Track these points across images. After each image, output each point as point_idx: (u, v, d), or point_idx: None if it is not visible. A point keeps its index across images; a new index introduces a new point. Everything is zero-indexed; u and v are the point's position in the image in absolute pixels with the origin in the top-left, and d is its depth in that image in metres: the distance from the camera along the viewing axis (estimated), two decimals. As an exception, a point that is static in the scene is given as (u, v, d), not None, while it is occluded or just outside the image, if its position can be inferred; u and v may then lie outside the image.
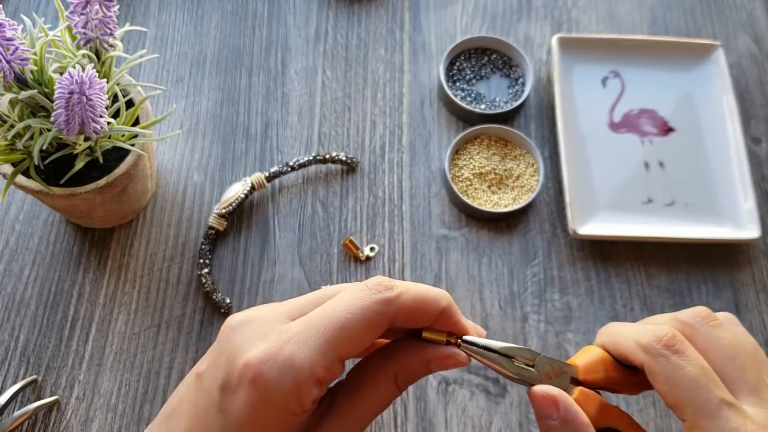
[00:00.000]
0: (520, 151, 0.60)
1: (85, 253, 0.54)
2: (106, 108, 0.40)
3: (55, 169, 0.46)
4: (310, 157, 0.57)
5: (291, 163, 0.57)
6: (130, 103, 0.49)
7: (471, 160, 0.59)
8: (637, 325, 0.31)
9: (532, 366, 0.30)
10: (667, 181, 0.60)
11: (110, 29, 0.42)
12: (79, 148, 0.43)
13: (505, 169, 0.59)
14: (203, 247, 0.54)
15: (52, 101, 0.39)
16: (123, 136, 0.45)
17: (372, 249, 0.55)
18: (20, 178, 0.45)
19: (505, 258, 0.56)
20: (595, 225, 0.57)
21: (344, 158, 0.58)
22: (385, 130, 0.61)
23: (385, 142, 0.60)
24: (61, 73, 0.41)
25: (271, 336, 0.27)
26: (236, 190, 0.55)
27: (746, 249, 0.58)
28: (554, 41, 0.62)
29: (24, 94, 0.40)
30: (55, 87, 0.38)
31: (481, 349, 0.30)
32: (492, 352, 0.30)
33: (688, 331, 0.30)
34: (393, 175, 0.59)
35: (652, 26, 0.68)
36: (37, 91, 0.40)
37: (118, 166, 0.46)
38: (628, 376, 0.31)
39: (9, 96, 0.40)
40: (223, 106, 0.61)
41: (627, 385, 0.31)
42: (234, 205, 0.54)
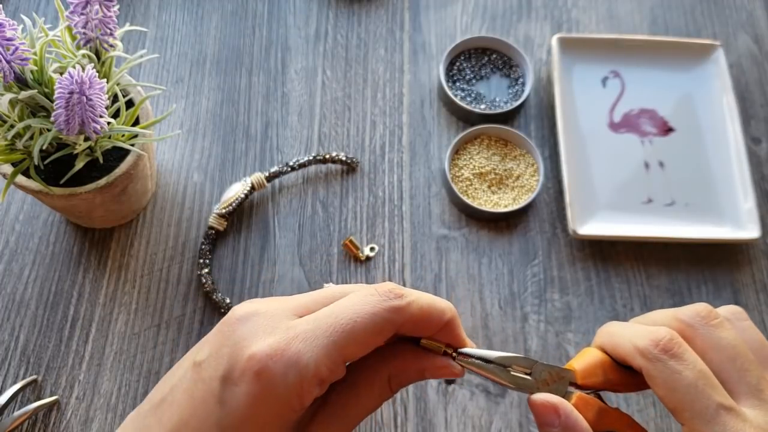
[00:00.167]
0: (520, 151, 0.60)
1: (85, 253, 0.54)
2: (106, 108, 0.40)
3: (55, 169, 0.46)
4: (310, 157, 0.57)
5: (291, 163, 0.57)
6: (130, 103, 0.49)
7: (471, 160, 0.59)
8: (635, 326, 0.31)
9: (529, 374, 0.30)
10: (667, 181, 0.60)
11: (110, 29, 0.42)
12: (79, 148, 0.43)
13: (505, 169, 0.59)
14: (203, 247, 0.54)
15: (52, 101, 0.39)
16: (123, 136, 0.45)
17: (372, 249, 0.55)
18: (20, 178, 0.45)
19: (505, 258, 0.56)
20: (595, 225, 0.57)
21: (344, 158, 0.58)
22: (385, 130, 0.61)
23: (385, 142, 0.60)
24: (61, 73, 0.41)
25: (278, 331, 0.27)
26: (236, 190, 0.55)
27: (746, 249, 0.58)
28: (554, 41, 0.62)
29: (24, 94, 0.40)
30: (55, 87, 0.38)
31: (476, 360, 0.30)
32: (487, 363, 0.30)
33: (688, 331, 0.30)
34: (393, 175, 0.59)
35: (652, 26, 0.68)
36: (37, 91, 0.40)
37: (118, 166, 0.46)
38: (628, 376, 0.31)
39: (9, 96, 0.40)
40: (223, 106, 0.61)
41: (627, 385, 0.31)
42: (234, 205, 0.54)
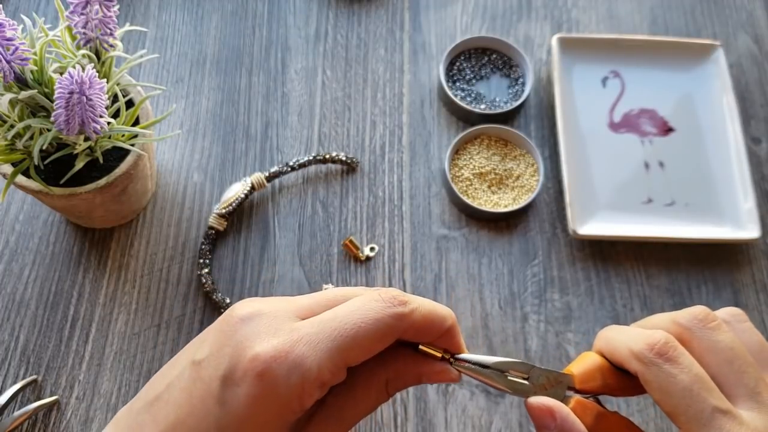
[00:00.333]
0: (520, 151, 0.60)
1: (85, 253, 0.54)
2: (106, 108, 0.40)
3: (55, 169, 0.46)
4: (310, 157, 0.57)
5: (291, 163, 0.57)
6: (130, 103, 0.49)
7: (471, 160, 0.59)
8: (631, 330, 0.31)
9: (527, 378, 0.30)
10: (667, 181, 0.60)
11: (110, 29, 0.42)
12: (79, 148, 0.43)
13: (505, 169, 0.59)
14: (203, 247, 0.54)
15: (52, 101, 0.39)
16: (123, 136, 0.45)
17: (372, 249, 0.55)
18: (20, 178, 0.45)
19: (505, 258, 0.56)
20: (595, 225, 0.57)
21: (344, 158, 0.58)
22: (385, 130, 0.61)
23: (385, 142, 0.60)
24: (61, 73, 0.41)
25: (282, 333, 0.27)
26: (236, 190, 0.55)
27: (746, 249, 0.58)
28: (554, 41, 0.62)
29: (24, 94, 0.40)
30: (55, 87, 0.38)
31: (473, 365, 0.30)
32: (485, 368, 0.30)
33: (685, 334, 0.30)
34: (393, 175, 0.59)
35: (652, 26, 0.68)
36: (37, 91, 0.40)
37: (118, 166, 0.46)
38: (627, 381, 0.31)
39: (9, 96, 0.40)
40: (223, 106, 0.61)
41: (626, 389, 0.31)
42: (234, 205, 0.54)
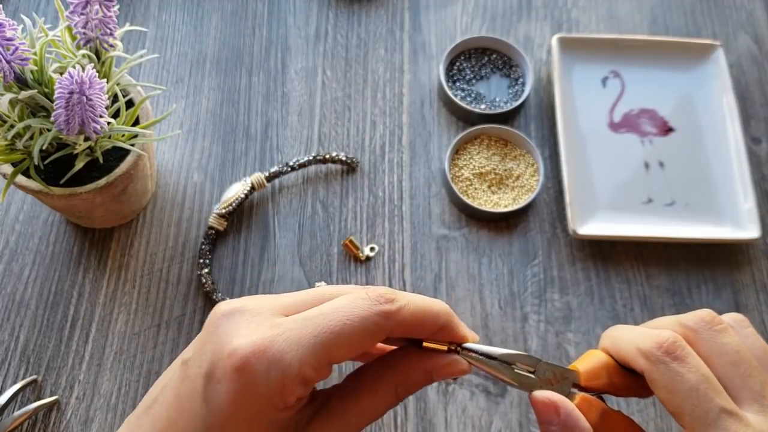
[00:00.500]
0: (520, 151, 0.60)
1: (85, 253, 0.54)
2: (106, 108, 0.40)
3: (55, 169, 0.46)
4: (310, 157, 0.57)
5: (291, 163, 0.57)
6: (130, 103, 0.49)
7: (471, 160, 0.59)
8: (639, 329, 0.31)
9: (533, 372, 0.30)
10: (667, 181, 0.60)
11: (110, 29, 0.42)
12: (79, 148, 0.43)
13: (505, 169, 0.59)
14: (203, 247, 0.54)
15: (52, 101, 0.39)
16: (123, 136, 0.45)
17: (372, 249, 0.55)
18: (20, 178, 0.45)
19: (505, 258, 0.56)
20: (595, 225, 0.57)
21: (344, 158, 0.58)
22: (385, 130, 0.61)
23: (385, 142, 0.60)
24: (61, 73, 0.41)
25: (262, 328, 0.27)
26: (236, 190, 0.55)
27: (746, 249, 0.58)
28: (554, 41, 0.62)
29: (24, 94, 0.40)
30: (55, 87, 0.38)
31: (480, 356, 0.30)
32: (492, 359, 0.30)
33: (692, 336, 0.30)
34: (393, 175, 0.59)
35: (652, 26, 0.68)
36: (37, 91, 0.40)
37: (118, 166, 0.46)
38: (632, 380, 0.31)
39: (9, 96, 0.40)
40: (223, 106, 0.61)
41: (631, 389, 0.31)
42: (234, 205, 0.54)
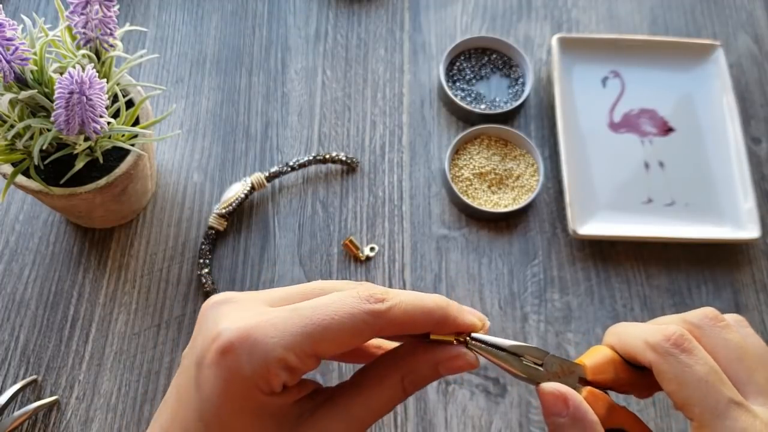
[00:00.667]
0: (520, 151, 0.60)
1: (85, 253, 0.54)
2: (106, 108, 0.40)
3: (55, 169, 0.46)
4: (310, 157, 0.57)
5: (291, 163, 0.57)
6: (130, 103, 0.49)
7: (471, 160, 0.59)
8: (644, 324, 0.31)
9: (541, 365, 0.30)
10: (667, 181, 0.60)
11: (110, 29, 0.42)
12: (79, 148, 0.43)
13: (505, 169, 0.59)
14: (203, 247, 0.54)
15: (52, 101, 0.39)
16: (123, 136, 0.45)
17: (372, 249, 0.55)
18: (20, 178, 0.45)
19: (505, 258, 0.56)
20: (595, 225, 0.57)
21: (344, 158, 0.58)
22: (385, 130, 0.61)
23: (385, 142, 0.60)
24: (61, 73, 0.41)
25: (249, 314, 0.27)
26: (236, 190, 0.55)
27: (746, 249, 0.58)
28: (554, 41, 0.62)
29: (24, 94, 0.40)
30: (55, 87, 0.38)
31: (489, 347, 0.29)
32: (501, 351, 0.29)
33: (696, 331, 0.30)
34: (393, 175, 0.59)
35: (652, 26, 0.68)
36: (37, 91, 0.40)
37: (118, 166, 0.46)
38: (637, 377, 0.31)
39: (9, 96, 0.40)
40: (223, 106, 0.61)
41: (636, 386, 0.31)
42: (234, 205, 0.54)
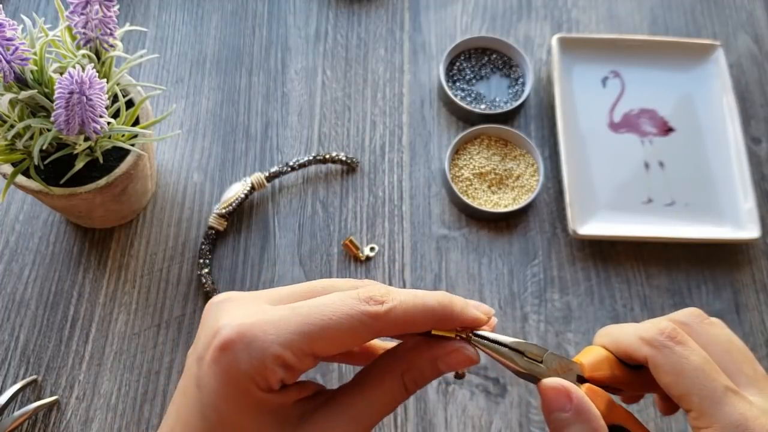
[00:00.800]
0: (520, 151, 0.60)
1: (85, 253, 0.54)
2: (106, 108, 0.40)
3: (55, 169, 0.46)
4: (310, 157, 0.57)
5: (291, 163, 0.57)
6: (130, 103, 0.49)
7: (471, 160, 0.59)
8: (635, 323, 0.32)
9: (540, 362, 0.30)
10: (667, 181, 0.60)
11: (110, 29, 0.42)
12: (79, 148, 0.43)
13: (505, 169, 0.59)
14: (203, 247, 0.54)
15: (52, 101, 0.39)
16: (123, 136, 0.45)
17: (372, 249, 0.55)
18: (20, 178, 0.45)
19: (505, 258, 0.56)
20: (595, 225, 0.57)
21: (344, 158, 0.58)
22: (385, 130, 0.61)
23: (385, 142, 0.60)
24: (61, 73, 0.41)
25: (248, 313, 0.27)
26: (236, 190, 0.55)
27: (746, 249, 0.58)
28: (554, 41, 0.62)
29: (24, 94, 0.40)
30: (55, 87, 0.38)
31: (491, 343, 0.29)
32: (502, 347, 0.30)
33: (685, 329, 0.31)
34: (393, 175, 0.59)
35: (652, 26, 0.68)
36: (37, 91, 0.40)
37: (118, 166, 0.46)
38: (632, 374, 0.31)
39: (9, 96, 0.40)
40: (223, 106, 0.61)
41: (631, 384, 0.31)
42: (234, 205, 0.54)
